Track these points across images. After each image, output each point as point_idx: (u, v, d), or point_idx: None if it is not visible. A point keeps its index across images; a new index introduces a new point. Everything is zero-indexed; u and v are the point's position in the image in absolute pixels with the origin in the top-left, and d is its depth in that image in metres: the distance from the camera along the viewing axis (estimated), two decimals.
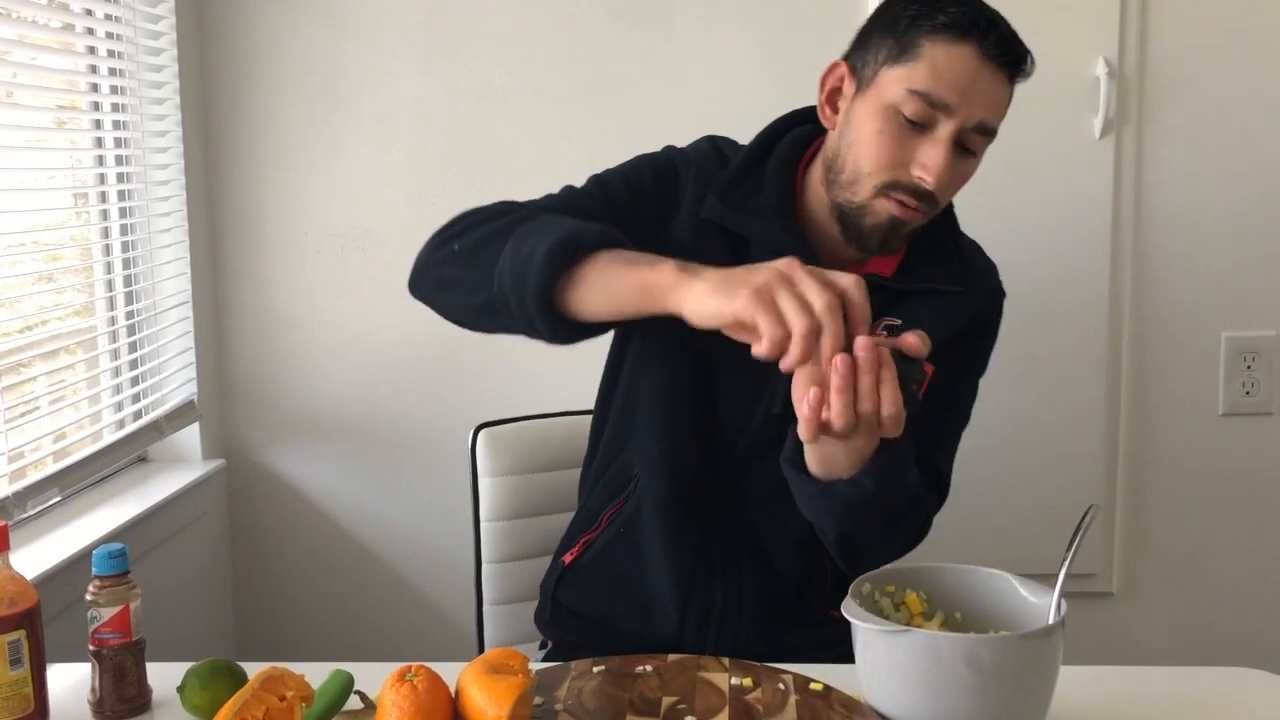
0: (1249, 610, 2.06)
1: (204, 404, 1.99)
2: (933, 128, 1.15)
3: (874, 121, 1.17)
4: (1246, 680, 1.17)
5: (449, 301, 1.20)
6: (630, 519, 1.34)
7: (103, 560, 1.09)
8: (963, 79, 1.13)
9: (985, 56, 1.14)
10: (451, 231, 1.19)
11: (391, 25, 1.97)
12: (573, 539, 1.42)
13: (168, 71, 1.91)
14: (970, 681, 0.95)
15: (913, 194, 1.17)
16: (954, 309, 1.28)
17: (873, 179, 1.18)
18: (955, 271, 1.29)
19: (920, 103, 1.14)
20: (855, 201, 1.20)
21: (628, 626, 1.35)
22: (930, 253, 1.28)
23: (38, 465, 1.63)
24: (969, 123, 1.15)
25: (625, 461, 1.35)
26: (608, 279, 1.04)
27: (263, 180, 2.01)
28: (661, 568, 1.32)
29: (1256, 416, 2.00)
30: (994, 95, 1.16)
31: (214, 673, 1.09)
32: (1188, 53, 1.92)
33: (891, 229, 1.20)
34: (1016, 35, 1.17)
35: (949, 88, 1.13)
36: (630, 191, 1.27)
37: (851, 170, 1.19)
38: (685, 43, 1.95)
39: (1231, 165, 1.94)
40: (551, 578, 1.44)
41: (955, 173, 1.18)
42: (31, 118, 1.70)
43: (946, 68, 1.13)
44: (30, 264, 1.68)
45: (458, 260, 1.16)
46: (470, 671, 1.02)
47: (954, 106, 1.14)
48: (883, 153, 1.16)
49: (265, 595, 2.10)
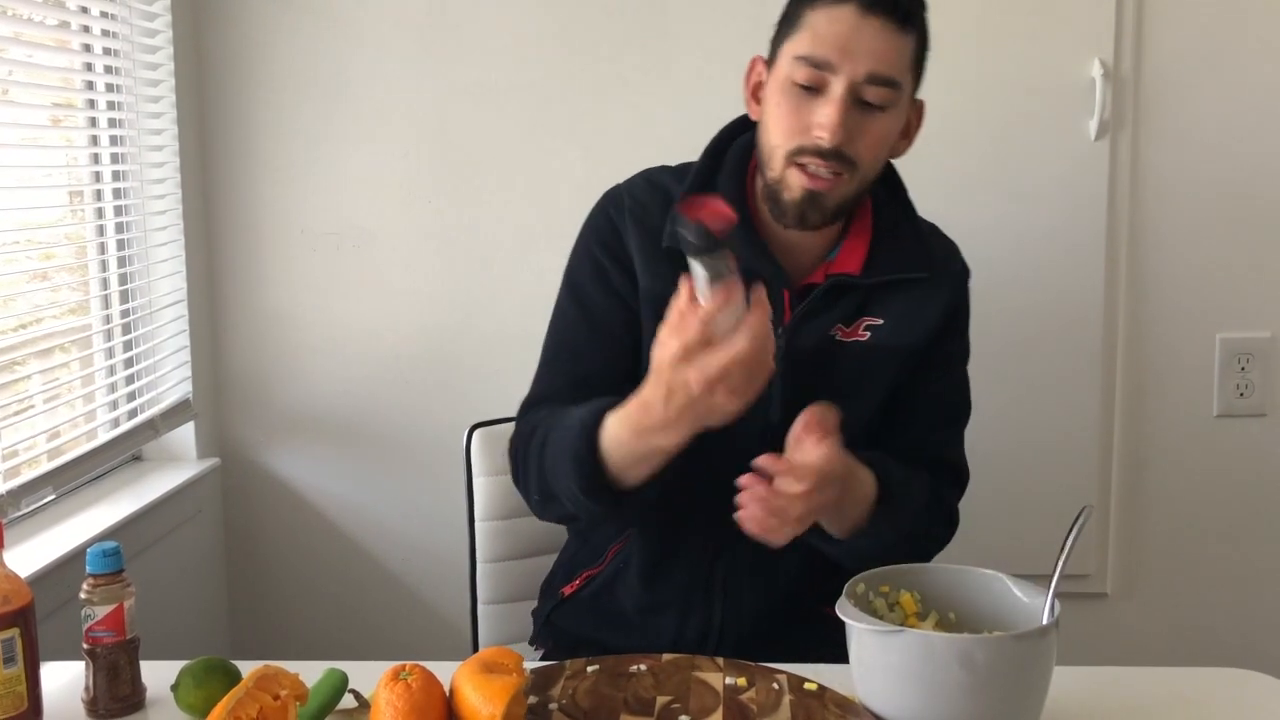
0: (1243, 611, 2.06)
1: (199, 403, 1.99)
2: (824, 89, 1.19)
3: (775, 96, 1.22)
4: (1240, 681, 1.18)
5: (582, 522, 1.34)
6: (630, 553, 1.35)
7: (97, 559, 1.09)
8: (843, 36, 1.17)
9: (865, 11, 1.17)
10: (520, 482, 1.31)
11: (388, 23, 1.96)
12: (573, 572, 1.42)
13: (163, 70, 1.90)
14: (964, 682, 0.95)
15: (819, 156, 1.19)
16: (927, 302, 1.30)
17: (781, 149, 1.21)
18: (918, 257, 1.30)
19: (806, 66, 1.18)
20: (773, 177, 1.23)
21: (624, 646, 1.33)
22: (891, 242, 1.30)
23: (32, 463, 1.63)
24: (857, 77, 1.17)
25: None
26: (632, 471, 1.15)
27: (258, 179, 2.01)
28: (655, 596, 1.33)
29: (1251, 418, 2.01)
30: (879, 47, 1.18)
31: (208, 671, 1.08)
32: (1183, 55, 1.92)
33: (807, 201, 1.22)
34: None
35: (829, 47, 1.17)
36: (599, 287, 1.31)
37: (767, 148, 1.24)
38: (683, 41, 1.95)
39: (1227, 167, 1.94)
40: (546, 606, 1.45)
41: (864, 131, 1.20)
42: (27, 115, 1.70)
43: (826, 29, 1.18)
44: (25, 262, 1.67)
45: (549, 506, 1.27)
46: (464, 670, 1.02)
47: (836, 63, 1.17)
48: (783, 121, 1.21)
49: (260, 594, 2.10)
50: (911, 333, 1.29)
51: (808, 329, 1.26)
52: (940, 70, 1.90)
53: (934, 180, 1.92)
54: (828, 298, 1.27)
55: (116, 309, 1.87)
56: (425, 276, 2.02)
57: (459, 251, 2.01)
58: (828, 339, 1.27)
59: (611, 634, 1.36)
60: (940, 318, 1.31)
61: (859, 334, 1.28)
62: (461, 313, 2.03)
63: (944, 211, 1.91)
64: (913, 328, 1.29)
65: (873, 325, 1.28)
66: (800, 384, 1.23)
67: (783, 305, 1.26)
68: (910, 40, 1.21)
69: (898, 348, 1.29)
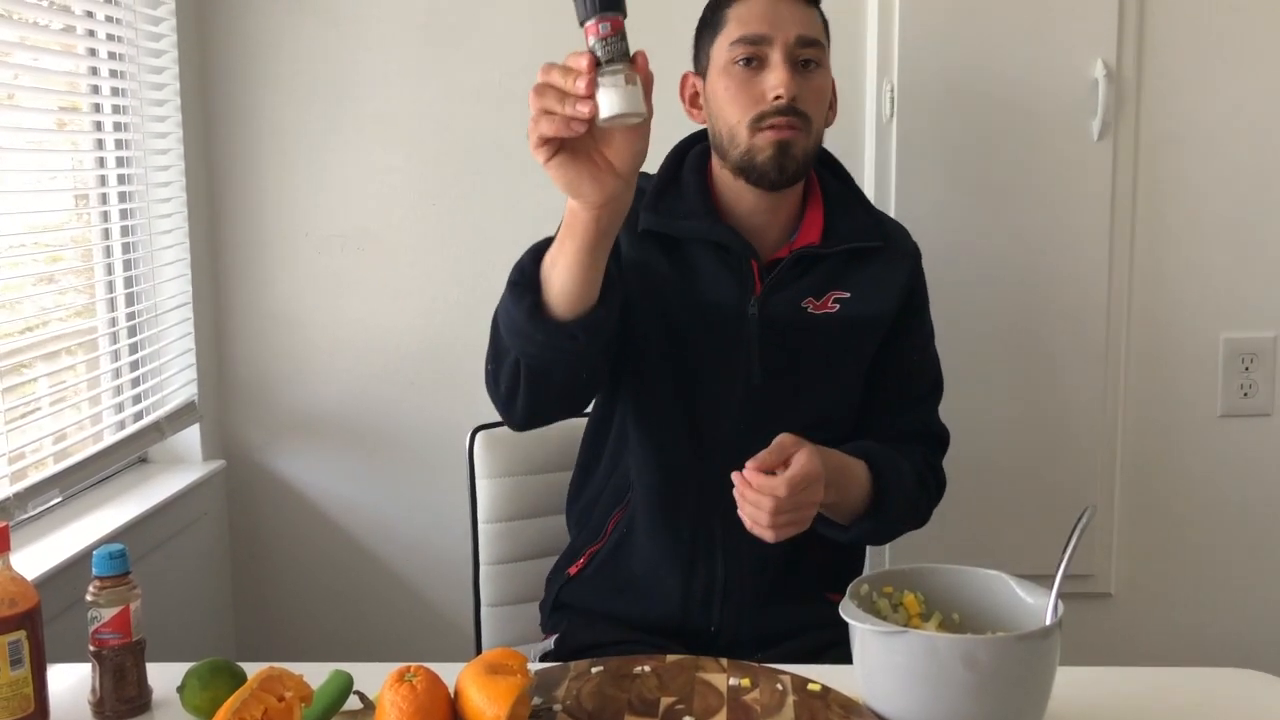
0: (1247, 611, 2.06)
1: (204, 405, 2.00)
2: (764, 61, 1.33)
3: (720, 83, 1.35)
4: (1244, 681, 1.18)
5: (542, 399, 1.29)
6: (631, 519, 1.42)
7: (103, 561, 1.10)
8: (765, 12, 1.33)
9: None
10: (491, 385, 1.32)
11: (392, 27, 1.97)
12: (577, 553, 1.48)
13: (168, 73, 1.91)
14: (968, 682, 0.96)
15: (778, 113, 1.31)
16: (889, 272, 1.41)
17: (742, 123, 1.33)
18: (870, 226, 1.42)
19: (743, 46, 1.33)
20: (740, 150, 1.34)
21: (632, 615, 1.41)
22: (843, 213, 1.41)
23: (38, 466, 1.64)
24: (790, 40, 1.32)
25: (624, 470, 1.43)
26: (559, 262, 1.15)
27: (263, 181, 2.01)
28: (661, 553, 1.39)
29: (1255, 418, 2.00)
30: (799, 16, 1.34)
31: (213, 673, 1.09)
32: (1185, 55, 1.92)
33: (780, 152, 1.32)
34: None
35: (758, 22, 1.33)
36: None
37: (726, 130, 1.35)
38: (684, 42, 1.94)
39: (1229, 167, 1.94)
40: (553, 589, 1.50)
41: (808, 87, 1.33)
42: (32, 119, 1.70)
43: (749, 13, 1.33)
44: (31, 265, 1.68)
45: (513, 383, 1.27)
46: (469, 672, 1.03)
47: (769, 35, 1.32)
48: (738, 99, 1.33)
49: (265, 596, 2.11)
50: (877, 302, 1.39)
51: (777, 299, 1.36)
52: (941, 72, 1.91)
53: (937, 182, 1.93)
54: (795, 269, 1.37)
55: (122, 312, 1.87)
56: (429, 278, 2.02)
57: (463, 253, 2.01)
58: (799, 311, 1.37)
59: (620, 601, 1.42)
60: (901, 292, 1.42)
61: (828, 306, 1.38)
62: (465, 315, 2.03)
63: (947, 213, 1.93)
64: (879, 297, 1.39)
65: (840, 298, 1.38)
66: (777, 350, 1.35)
67: (753, 277, 1.36)
68: (817, 12, 1.37)
69: (865, 317, 1.39)
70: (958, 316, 1.86)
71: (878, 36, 1.90)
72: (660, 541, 1.39)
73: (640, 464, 1.40)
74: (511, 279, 1.20)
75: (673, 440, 1.38)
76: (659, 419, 1.39)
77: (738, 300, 1.35)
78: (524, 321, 1.17)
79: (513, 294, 1.19)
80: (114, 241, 1.86)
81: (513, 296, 1.18)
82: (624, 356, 1.36)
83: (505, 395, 1.28)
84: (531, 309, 1.16)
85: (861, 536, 1.37)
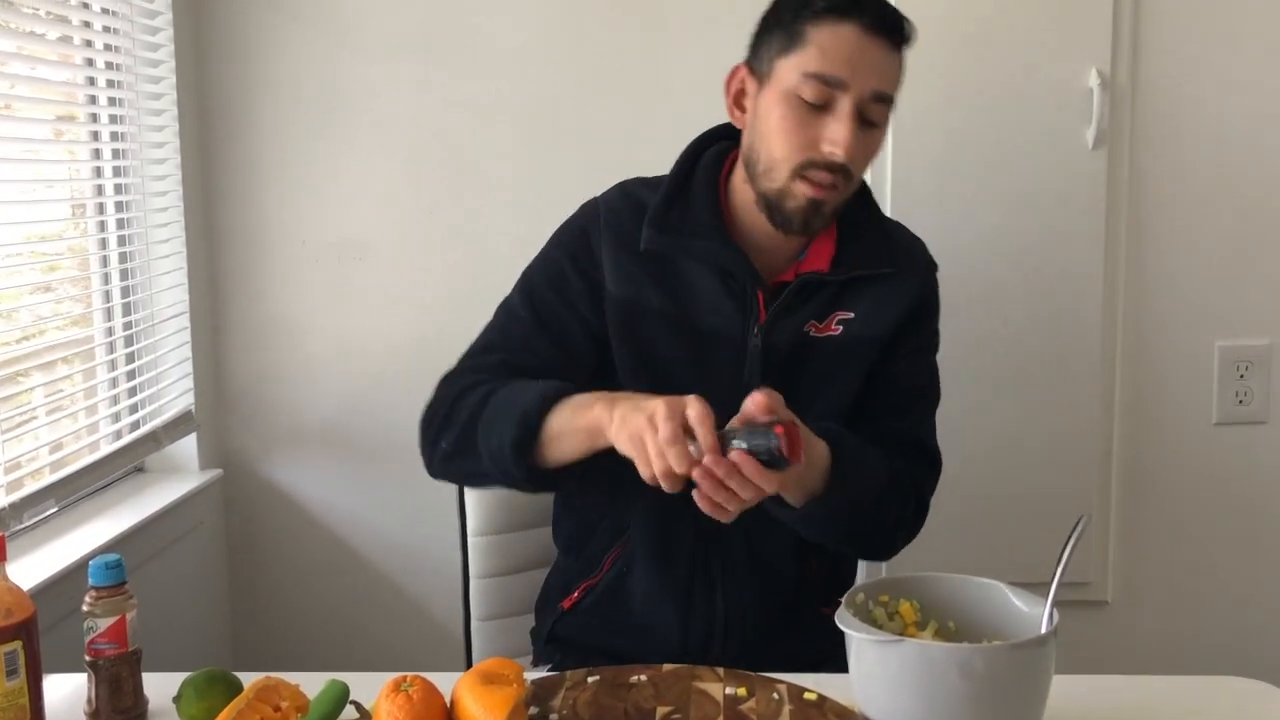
0: (1244, 619, 2.06)
1: (201, 414, 1.99)
2: (833, 105, 1.22)
3: (778, 109, 1.24)
4: (1241, 689, 1.18)
5: (473, 485, 1.49)
6: (630, 557, 1.37)
7: (99, 571, 1.10)
8: (850, 54, 1.21)
9: (866, 30, 1.21)
10: (431, 433, 1.32)
11: (389, 36, 1.97)
12: (570, 585, 1.43)
13: (165, 83, 1.91)
14: (963, 691, 0.96)
15: (826, 169, 1.23)
16: (895, 293, 1.34)
17: (787, 163, 1.24)
18: (884, 253, 1.35)
19: (816, 84, 1.21)
20: (774, 188, 1.26)
21: (628, 655, 1.34)
22: (857, 240, 1.34)
23: (35, 476, 1.63)
24: (865, 94, 1.22)
25: (623, 504, 1.37)
26: (564, 440, 1.18)
27: (260, 191, 2.01)
28: (660, 592, 1.34)
29: (1250, 425, 2.01)
30: (882, 65, 1.23)
31: (210, 683, 1.09)
32: (1180, 63, 1.92)
33: (811, 209, 1.26)
34: (891, 6, 1.24)
35: (840, 64, 1.21)
36: (555, 290, 1.35)
37: (766, 160, 1.26)
38: (682, 51, 1.96)
39: (1224, 175, 1.95)
40: (546, 621, 1.46)
41: (862, 144, 1.24)
42: (29, 129, 1.70)
43: (833, 47, 1.21)
44: (28, 274, 1.68)
45: (454, 459, 1.29)
46: (465, 681, 1.03)
47: (847, 81, 1.21)
48: (792, 137, 1.23)
49: (262, 605, 2.10)
50: (881, 323, 1.34)
51: (781, 326, 1.31)
52: (938, 80, 1.92)
53: (933, 189, 1.94)
54: (800, 295, 1.32)
55: (119, 321, 1.87)
56: (426, 287, 2.02)
57: (460, 262, 2.01)
58: (801, 335, 1.32)
59: (618, 638, 1.37)
60: (908, 309, 1.35)
61: (831, 329, 1.33)
62: (461, 324, 2.01)
63: (942, 220, 1.93)
64: (882, 318, 1.34)
65: (844, 319, 1.33)
66: (777, 378, 1.26)
67: (757, 305, 1.31)
68: (901, 59, 1.26)
69: (867, 338, 1.33)
70: (953, 323, 1.84)
71: None
72: (658, 580, 1.34)
73: (632, 502, 1.34)
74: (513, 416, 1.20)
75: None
76: None
77: (740, 329, 1.31)
78: (508, 456, 1.20)
79: (506, 429, 1.20)
80: (111, 251, 1.86)
81: (505, 431, 1.20)
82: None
83: (442, 456, 1.30)
84: (518, 447, 1.19)
85: (808, 520, 1.23)
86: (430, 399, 1.34)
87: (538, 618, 1.51)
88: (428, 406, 1.33)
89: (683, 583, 1.35)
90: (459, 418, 1.27)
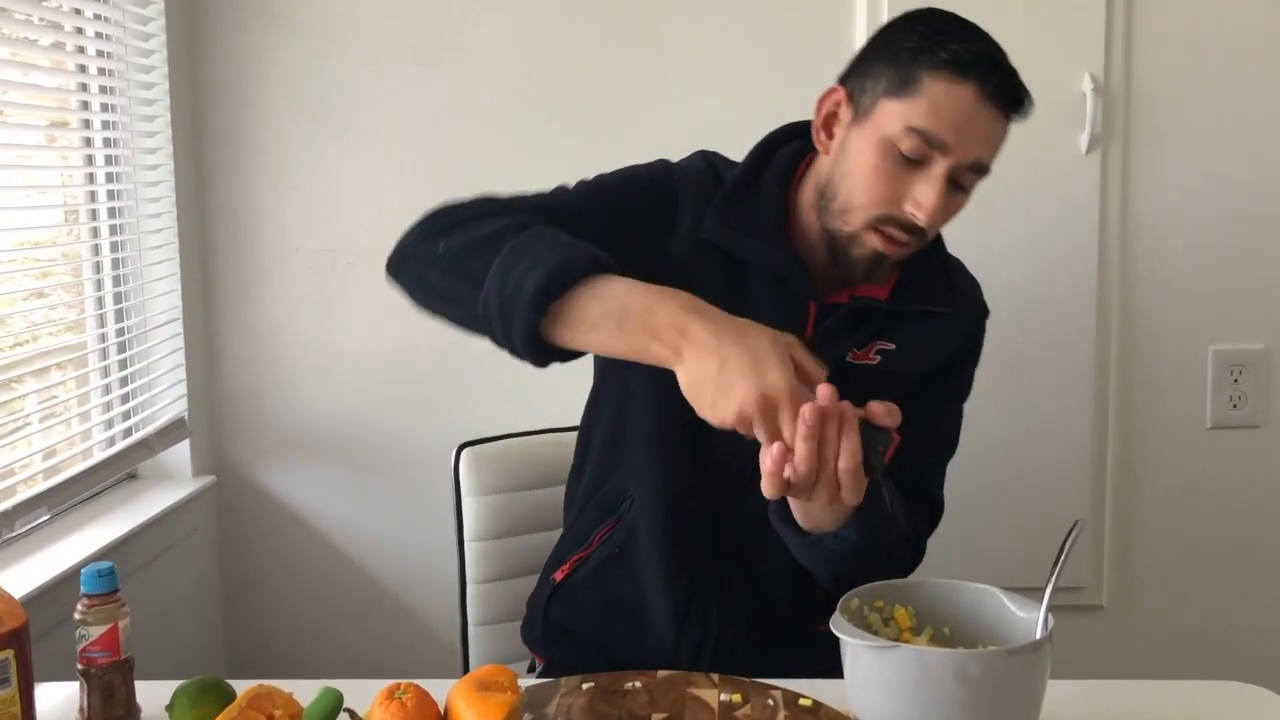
0: (1239, 623, 2.06)
1: (194, 421, 1.99)
2: (928, 164, 1.15)
3: (870, 155, 1.16)
4: (1237, 693, 1.18)
5: (427, 303, 1.16)
6: (625, 540, 1.34)
7: (91, 579, 1.09)
8: (961, 118, 1.13)
9: (985, 96, 1.13)
10: (437, 226, 1.15)
11: (381, 41, 1.97)
12: (562, 557, 1.41)
13: (158, 89, 1.91)
14: (959, 696, 0.95)
15: (903, 228, 1.17)
16: (943, 333, 1.29)
17: (865, 212, 1.18)
18: (945, 290, 1.30)
19: (918, 140, 1.13)
20: (845, 230, 1.20)
21: (622, 647, 1.34)
22: (919, 275, 1.28)
23: (28, 483, 1.63)
24: (964, 161, 1.15)
25: (618, 482, 1.35)
26: (600, 325, 1.01)
27: (253, 197, 2.01)
28: (659, 593, 1.32)
29: (1244, 429, 2.01)
30: (991, 134, 1.16)
31: (202, 691, 1.08)
32: (1173, 68, 1.93)
33: (876, 261, 1.21)
34: (1016, 75, 1.16)
35: (948, 126, 1.13)
36: (629, 204, 1.25)
37: (844, 200, 1.19)
38: (674, 58, 1.96)
39: (1217, 179, 1.95)
40: (541, 595, 1.43)
41: (946, 208, 1.18)
42: (22, 135, 1.70)
43: (946, 106, 1.12)
44: (21, 280, 1.68)
45: (443, 265, 1.12)
46: (459, 689, 1.02)
47: (951, 145, 1.13)
48: (878, 188, 1.16)
49: (255, 612, 2.10)
50: (920, 361, 1.28)
51: (825, 346, 1.22)
52: None
53: None
54: (850, 319, 1.26)
55: (111, 327, 1.87)
56: None
57: None
58: (840, 360, 1.25)
59: (610, 626, 1.35)
60: (951, 351, 1.30)
61: (869, 357, 1.26)
62: (454, 332, 2.02)
63: None
64: (922, 356, 1.28)
65: (884, 349, 1.26)
66: None
67: (807, 320, 1.24)
68: (1008, 130, 1.19)
69: (905, 372, 1.27)
70: None
71: None
72: (661, 579, 1.30)
73: (646, 499, 1.30)
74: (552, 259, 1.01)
75: (679, 463, 1.27)
76: (665, 428, 1.27)
77: None
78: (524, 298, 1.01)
79: (537, 268, 1.01)
80: (103, 257, 1.85)
81: (534, 270, 1.01)
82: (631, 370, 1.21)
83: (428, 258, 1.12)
84: (544, 293, 1.01)
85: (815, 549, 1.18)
86: (449, 202, 1.18)
87: (530, 608, 1.46)
88: (443, 206, 1.17)
89: (684, 589, 1.31)
90: (480, 229, 1.10)
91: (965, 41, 1.14)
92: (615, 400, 1.34)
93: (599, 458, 1.37)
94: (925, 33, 1.15)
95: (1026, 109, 1.18)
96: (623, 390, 1.33)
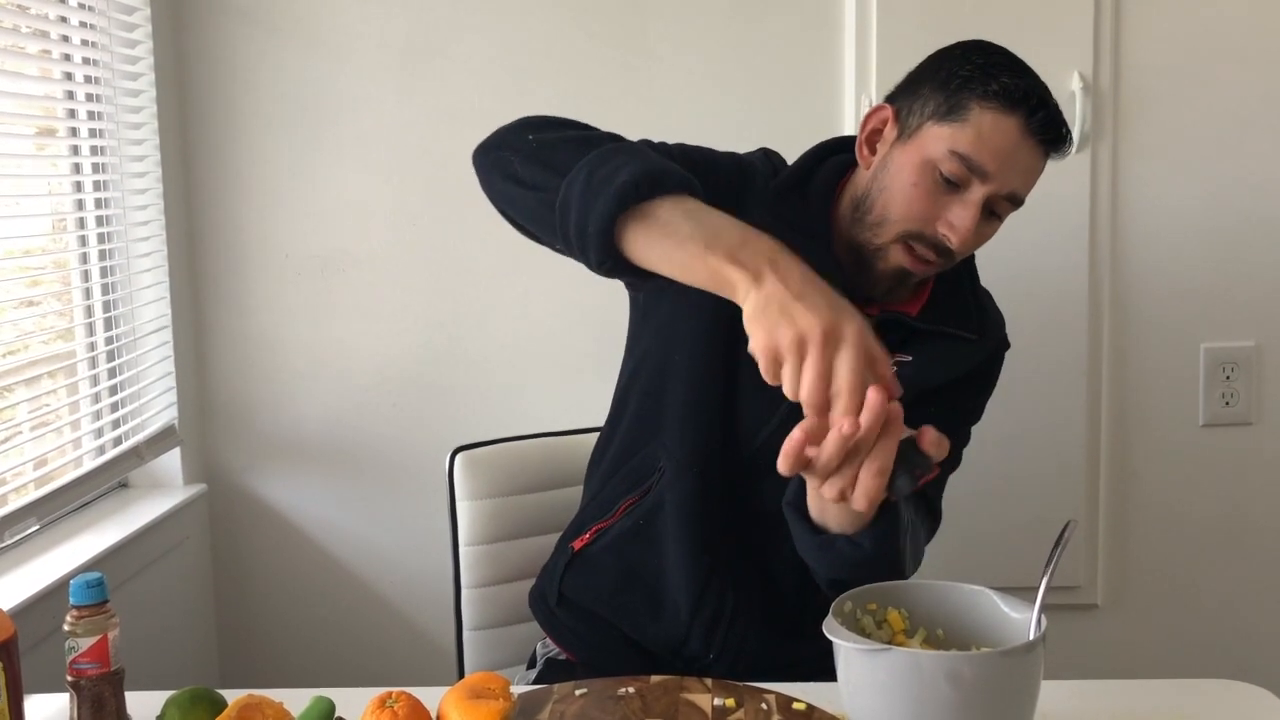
0: (1233, 621, 2.06)
1: (185, 429, 1.98)
2: (966, 189, 1.19)
3: (911, 173, 1.20)
4: (1232, 692, 1.18)
5: (503, 189, 1.18)
6: (650, 512, 1.35)
7: (80, 590, 1.09)
8: (1004, 149, 1.17)
9: (1029, 130, 1.17)
10: (534, 123, 1.18)
11: (370, 48, 1.97)
12: (583, 525, 1.42)
13: (145, 96, 1.90)
14: (952, 698, 0.95)
15: (933, 248, 1.21)
16: (962, 355, 1.32)
17: (897, 227, 1.21)
18: (975, 317, 1.33)
19: (960, 164, 1.17)
20: (875, 243, 1.23)
21: (634, 621, 1.36)
22: (951, 297, 1.32)
23: (19, 492, 1.62)
24: (1002, 190, 1.19)
25: (650, 454, 1.36)
26: (684, 240, 0.98)
27: (242, 204, 2.00)
28: (679, 567, 1.33)
29: (1236, 427, 2.01)
30: (1030, 168, 1.20)
31: (193, 701, 1.08)
32: (1162, 67, 1.93)
33: (898, 278, 1.24)
34: (1061, 115, 1.20)
35: (990, 155, 1.17)
36: (710, 170, 1.25)
37: (879, 213, 1.23)
38: (663, 64, 1.96)
39: (1207, 178, 1.96)
40: (559, 563, 1.43)
41: (978, 234, 1.21)
42: (8, 143, 1.69)
43: (991, 135, 1.16)
44: (11, 289, 1.67)
45: (530, 151, 1.14)
46: (451, 696, 1.02)
47: (991, 174, 1.17)
48: (914, 205, 1.20)
49: (247, 621, 2.09)
50: (934, 374, 1.29)
51: None
52: None
53: None
54: (877, 332, 1.25)
55: (101, 335, 1.86)
56: (409, 300, 2.02)
57: (443, 275, 2.01)
58: None
59: (622, 600, 1.36)
60: (965, 370, 1.32)
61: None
62: (445, 336, 2.03)
63: None
64: (936, 371, 1.29)
65: (901, 361, 1.27)
66: None
67: None
68: (1045, 165, 1.22)
69: (916, 385, 1.24)
70: None
71: (855, 50, 1.91)
72: (683, 554, 1.32)
73: (676, 473, 1.31)
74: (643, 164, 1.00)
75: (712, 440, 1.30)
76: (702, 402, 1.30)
77: None
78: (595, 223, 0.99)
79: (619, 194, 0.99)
80: (92, 265, 1.85)
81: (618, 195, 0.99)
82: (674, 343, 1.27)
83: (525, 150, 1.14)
84: (633, 188, 0.99)
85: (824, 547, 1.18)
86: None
87: (543, 575, 1.46)
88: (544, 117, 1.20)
89: (704, 566, 1.32)
90: (576, 132, 1.15)
91: (1017, 77, 1.19)
92: (654, 373, 1.36)
93: (631, 429, 1.39)
94: (979, 64, 1.20)
95: (1066, 149, 1.22)
96: (663, 363, 1.34)
